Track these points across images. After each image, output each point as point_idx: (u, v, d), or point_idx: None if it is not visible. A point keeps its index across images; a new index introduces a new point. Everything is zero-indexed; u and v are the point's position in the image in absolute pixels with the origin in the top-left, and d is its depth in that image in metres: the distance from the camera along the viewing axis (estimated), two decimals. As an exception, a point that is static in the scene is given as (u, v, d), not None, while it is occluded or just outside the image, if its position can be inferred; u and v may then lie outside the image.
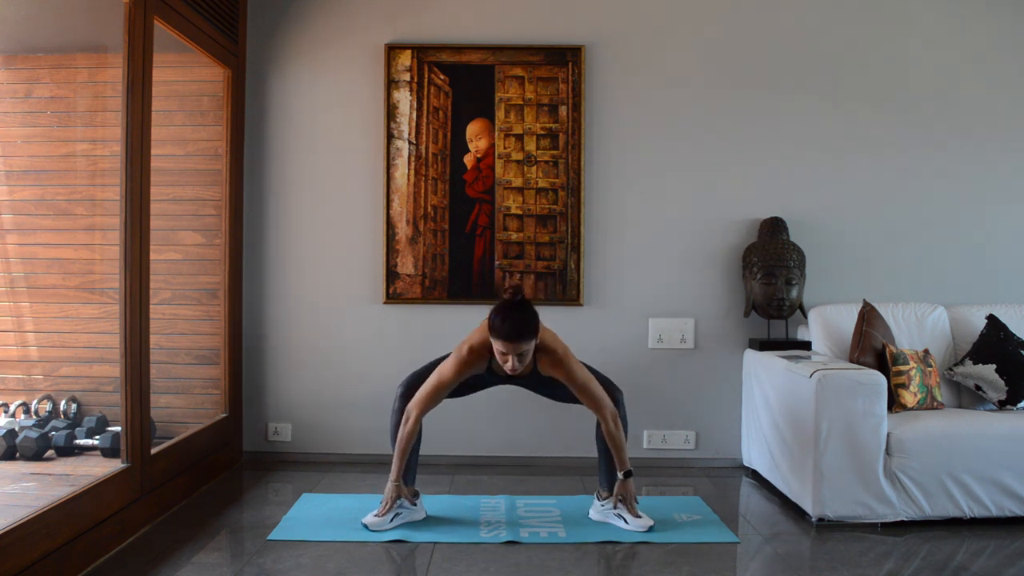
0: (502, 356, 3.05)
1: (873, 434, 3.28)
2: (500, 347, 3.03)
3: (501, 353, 3.04)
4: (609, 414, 3.19)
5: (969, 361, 3.77)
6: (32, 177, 3.85)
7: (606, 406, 3.20)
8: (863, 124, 4.25)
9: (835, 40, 4.25)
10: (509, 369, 3.05)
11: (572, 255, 4.24)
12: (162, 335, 3.74)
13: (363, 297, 4.27)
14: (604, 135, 4.25)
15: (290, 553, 2.98)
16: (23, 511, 2.58)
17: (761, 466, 3.91)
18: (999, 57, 4.26)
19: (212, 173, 4.10)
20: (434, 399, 3.20)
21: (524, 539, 3.12)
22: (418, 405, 3.19)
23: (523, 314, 3.02)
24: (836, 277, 4.23)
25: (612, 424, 3.20)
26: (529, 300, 3.10)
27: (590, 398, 3.19)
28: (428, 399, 3.19)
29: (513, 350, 3.01)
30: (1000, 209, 4.27)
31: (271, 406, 4.29)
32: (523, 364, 3.06)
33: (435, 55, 4.22)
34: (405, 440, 3.20)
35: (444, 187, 4.24)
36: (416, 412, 3.19)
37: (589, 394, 3.19)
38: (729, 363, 4.24)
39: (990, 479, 3.33)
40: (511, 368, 3.04)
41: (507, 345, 3.00)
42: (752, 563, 3.05)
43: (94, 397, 3.92)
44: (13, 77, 3.86)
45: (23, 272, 3.86)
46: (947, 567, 2.95)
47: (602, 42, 4.25)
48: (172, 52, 3.73)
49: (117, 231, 3.12)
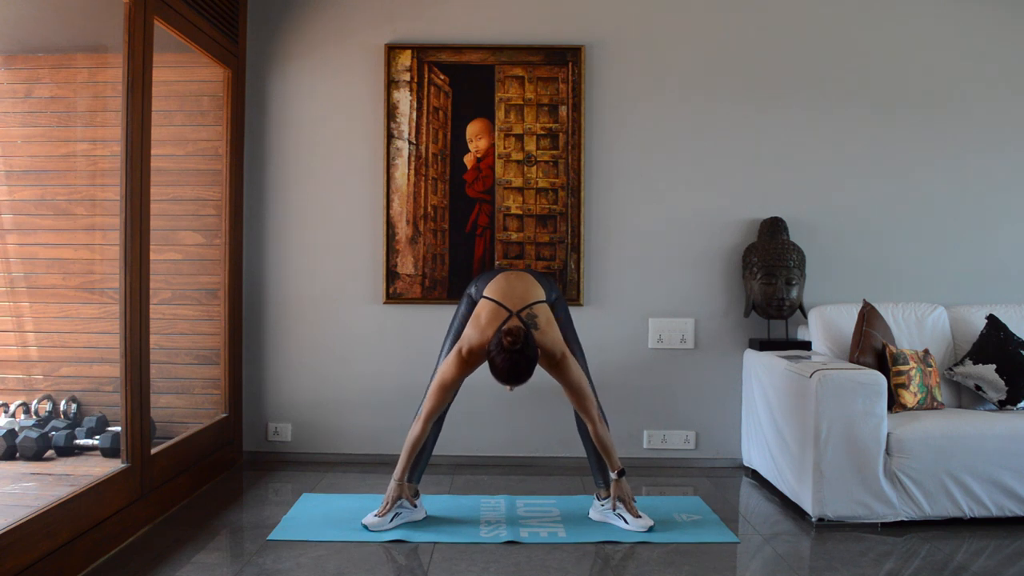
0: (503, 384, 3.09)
1: (873, 434, 3.28)
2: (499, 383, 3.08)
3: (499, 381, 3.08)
4: (596, 416, 3.21)
5: (969, 361, 3.77)
6: (32, 177, 3.85)
7: (593, 408, 3.21)
8: (863, 124, 4.25)
9: (836, 40, 4.25)
10: (509, 391, 3.12)
11: (572, 255, 4.24)
12: (162, 335, 3.74)
13: (363, 297, 4.27)
14: (604, 135, 4.25)
15: (290, 553, 2.98)
16: (23, 511, 2.58)
17: (761, 466, 3.91)
18: (999, 57, 4.26)
19: (212, 173, 4.10)
20: (443, 399, 3.21)
21: (524, 539, 3.13)
22: (428, 407, 3.21)
23: (522, 358, 2.96)
24: (836, 277, 4.23)
25: (600, 427, 3.21)
26: (530, 339, 3.00)
27: (581, 399, 3.20)
28: (437, 401, 3.20)
29: (511, 387, 3.07)
30: (1000, 209, 4.27)
31: (271, 406, 4.29)
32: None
33: (435, 55, 4.22)
34: (413, 442, 3.22)
35: (444, 187, 4.24)
36: (426, 414, 3.21)
37: (579, 395, 3.19)
38: (729, 363, 4.24)
39: (990, 479, 3.33)
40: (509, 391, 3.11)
41: (506, 384, 3.06)
42: (752, 563, 3.05)
43: (94, 397, 3.91)
44: (13, 77, 3.86)
45: (23, 272, 3.86)
46: (947, 567, 2.95)
47: (602, 42, 4.25)
48: (172, 52, 3.73)
49: (117, 231, 3.12)
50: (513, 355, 2.94)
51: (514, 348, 2.94)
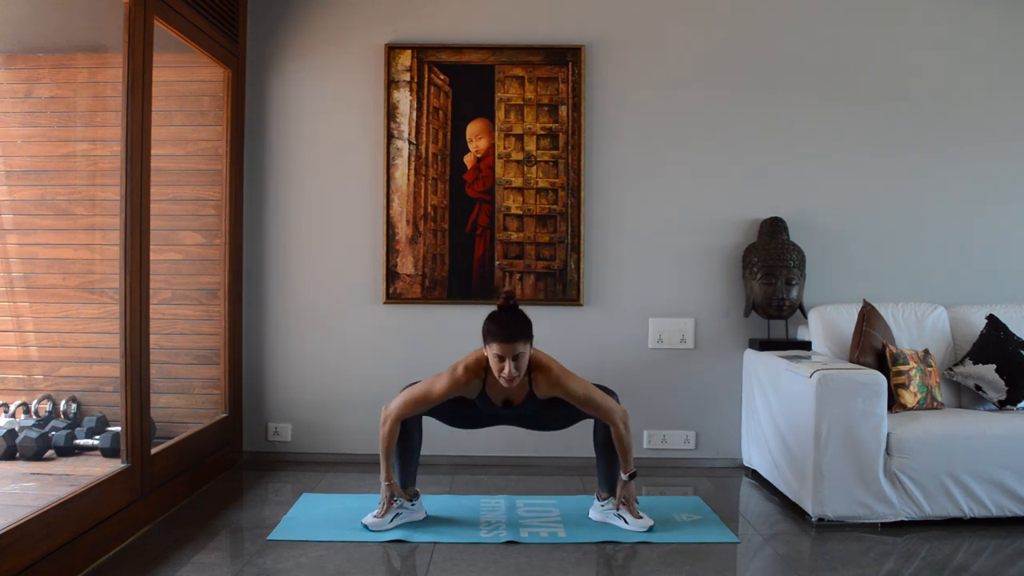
0: (498, 364, 3.02)
1: (873, 434, 3.28)
2: (496, 350, 3.01)
3: (497, 359, 3.02)
4: (619, 419, 3.17)
5: (969, 361, 3.77)
6: (32, 177, 3.85)
7: (615, 411, 3.17)
8: (863, 124, 4.25)
9: (836, 40, 4.25)
10: (506, 375, 3.01)
11: (572, 255, 4.24)
12: (162, 335, 3.74)
13: (363, 297, 4.27)
14: (604, 135, 4.25)
15: (290, 553, 2.98)
16: (23, 511, 2.58)
17: (761, 466, 3.91)
18: (999, 57, 4.26)
19: (212, 173, 4.10)
20: (415, 408, 3.17)
21: (524, 539, 3.12)
22: (397, 408, 3.16)
23: (516, 315, 3.05)
24: (836, 277, 4.23)
25: (623, 428, 3.17)
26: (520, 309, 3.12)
27: (596, 408, 3.16)
28: (409, 406, 3.16)
29: (509, 352, 2.99)
30: (1000, 209, 4.27)
31: (271, 406, 4.29)
32: (519, 371, 3.03)
33: (435, 55, 4.22)
34: (387, 441, 3.18)
35: (444, 187, 4.24)
36: (394, 416, 3.16)
37: (595, 405, 3.16)
38: (729, 363, 4.24)
39: (990, 479, 3.32)
40: (508, 375, 3.01)
41: (503, 347, 2.99)
42: (752, 563, 3.05)
43: (94, 397, 3.92)
44: (13, 77, 3.86)
45: (23, 272, 3.86)
46: (947, 567, 2.95)
47: (602, 42, 4.25)
48: (172, 52, 3.73)
49: (117, 231, 3.12)
50: (507, 311, 3.07)
51: (511, 302, 3.08)
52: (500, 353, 3.00)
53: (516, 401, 3.20)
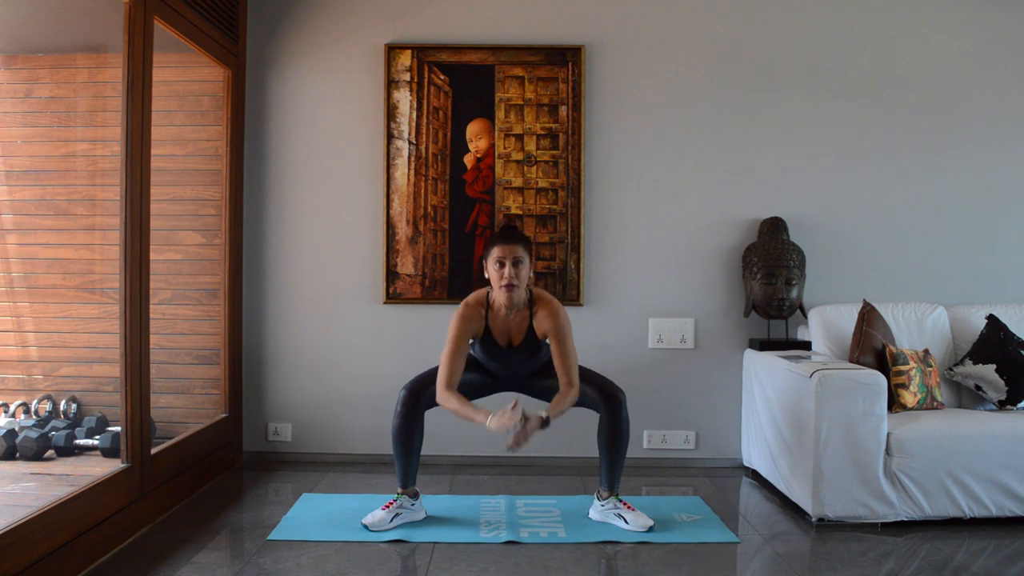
0: (498, 271, 3.12)
1: (873, 434, 3.28)
2: (497, 254, 3.12)
3: (498, 264, 3.12)
4: (574, 392, 3.16)
5: (969, 361, 3.77)
6: (32, 177, 3.85)
7: (575, 383, 3.17)
8: (864, 124, 4.25)
9: (836, 40, 4.25)
10: (507, 278, 3.10)
11: (572, 255, 4.24)
12: (162, 335, 3.74)
13: (363, 297, 4.27)
14: (604, 135, 4.25)
15: (290, 553, 2.98)
16: (23, 511, 2.58)
17: (761, 466, 3.91)
18: (999, 57, 4.26)
19: (212, 173, 4.10)
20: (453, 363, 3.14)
21: (524, 539, 3.12)
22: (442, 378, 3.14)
23: (516, 229, 3.23)
24: (836, 277, 4.23)
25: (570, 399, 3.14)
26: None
27: (566, 366, 3.16)
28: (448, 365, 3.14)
29: (509, 253, 3.11)
30: (1000, 209, 4.27)
31: (271, 406, 4.29)
32: (520, 281, 3.12)
33: (435, 55, 4.22)
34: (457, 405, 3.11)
35: (444, 187, 4.24)
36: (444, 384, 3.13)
37: (568, 363, 3.16)
38: (729, 363, 4.24)
39: (990, 479, 3.32)
40: (508, 277, 3.10)
41: (503, 248, 3.12)
42: (752, 563, 3.05)
43: (94, 397, 3.92)
44: (13, 77, 3.87)
45: (23, 272, 3.86)
46: (947, 567, 2.95)
47: (602, 42, 4.25)
48: (172, 52, 3.73)
49: (117, 231, 3.12)
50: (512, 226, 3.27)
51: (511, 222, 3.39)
52: (500, 256, 3.12)
53: (516, 340, 3.25)
